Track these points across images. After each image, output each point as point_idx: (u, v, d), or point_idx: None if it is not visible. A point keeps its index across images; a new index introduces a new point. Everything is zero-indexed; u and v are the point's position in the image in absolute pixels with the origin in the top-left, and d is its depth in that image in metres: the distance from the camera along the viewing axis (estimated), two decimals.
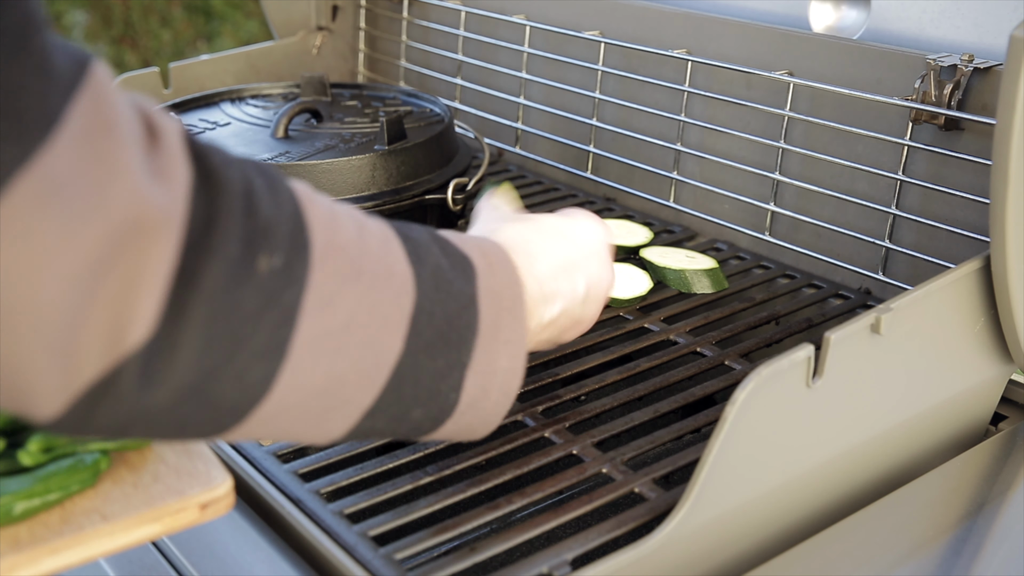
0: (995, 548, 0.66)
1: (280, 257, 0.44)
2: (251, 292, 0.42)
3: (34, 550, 0.47)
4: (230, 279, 0.42)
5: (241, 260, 0.42)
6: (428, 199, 0.99)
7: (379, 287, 0.49)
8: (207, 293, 0.41)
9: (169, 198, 0.40)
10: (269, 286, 0.43)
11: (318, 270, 0.45)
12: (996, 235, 0.66)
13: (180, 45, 3.86)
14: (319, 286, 0.45)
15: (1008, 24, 0.82)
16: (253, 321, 0.43)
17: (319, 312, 0.45)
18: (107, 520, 0.49)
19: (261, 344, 0.43)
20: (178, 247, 0.40)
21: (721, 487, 0.59)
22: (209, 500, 0.52)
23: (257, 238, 0.43)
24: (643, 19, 1.09)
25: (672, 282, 0.93)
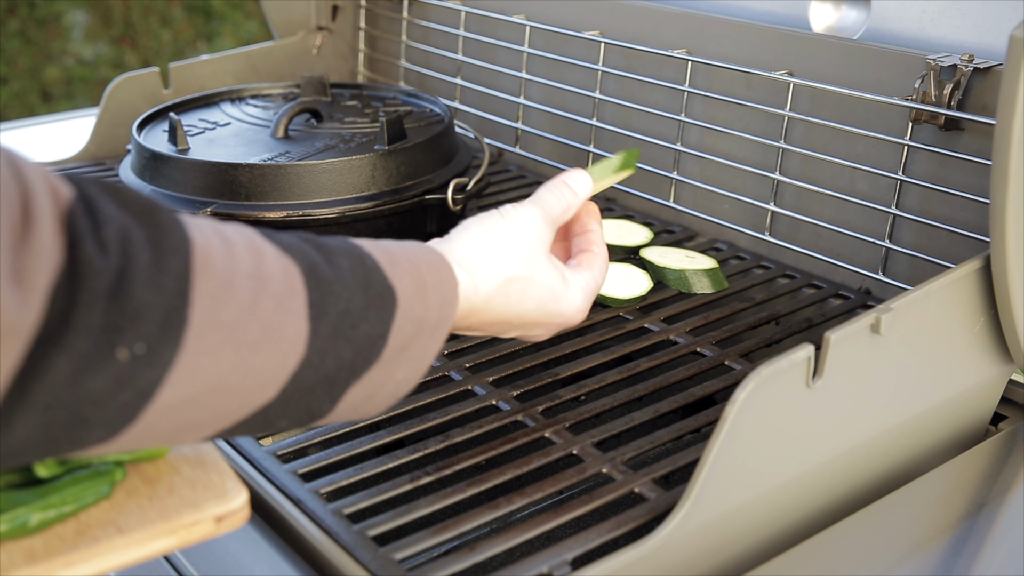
0: (995, 548, 0.66)
1: (143, 345, 0.43)
2: (102, 379, 0.42)
3: (49, 563, 0.47)
4: (77, 371, 0.41)
5: (94, 353, 0.41)
6: (428, 199, 0.99)
7: (262, 352, 0.48)
8: (49, 385, 0.40)
9: (23, 307, 0.39)
10: (126, 373, 0.42)
11: (189, 350, 0.44)
12: (996, 235, 0.66)
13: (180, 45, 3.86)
14: (187, 364, 0.44)
15: (1008, 24, 0.82)
16: (101, 403, 0.42)
17: (181, 384, 0.45)
18: (123, 533, 0.49)
19: (107, 418, 0.43)
20: (23, 350, 0.39)
21: (721, 487, 0.59)
22: (225, 513, 0.51)
23: (120, 327, 0.42)
24: (643, 19, 1.09)
25: (672, 282, 0.93)
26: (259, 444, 0.69)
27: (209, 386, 0.46)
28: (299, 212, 0.93)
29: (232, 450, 0.68)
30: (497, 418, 0.73)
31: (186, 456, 0.55)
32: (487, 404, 0.75)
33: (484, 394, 0.76)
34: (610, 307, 0.89)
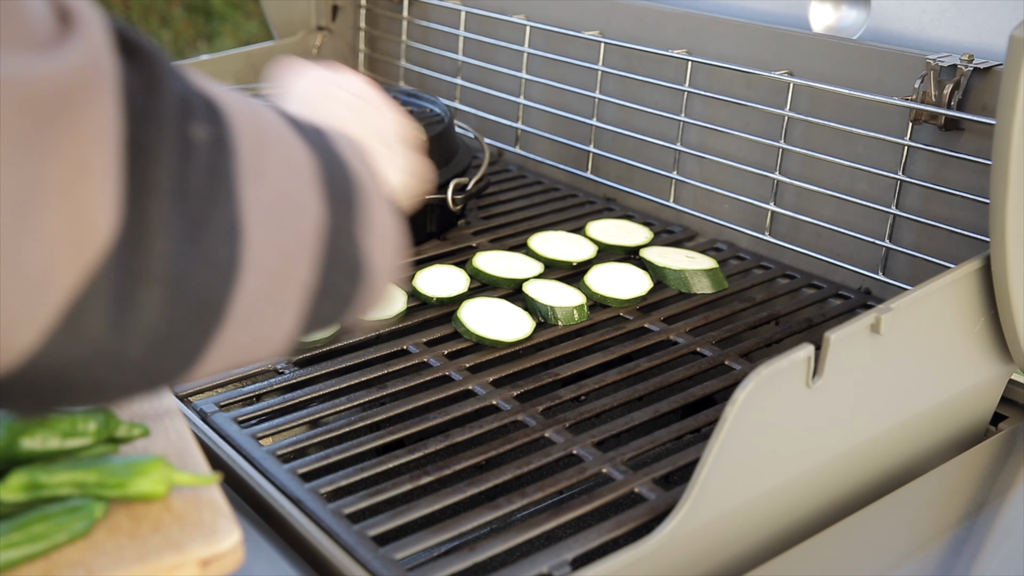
0: (995, 548, 0.66)
1: (206, 125, 0.40)
2: (195, 164, 0.39)
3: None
4: (176, 149, 0.38)
5: (180, 127, 0.38)
6: (428, 199, 0.99)
7: (287, 149, 0.46)
8: (163, 166, 0.37)
9: (92, 55, 0.35)
10: (207, 157, 0.39)
11: (240, 134, 0.42)
12: (996, 235, 0.66)
13: (180, 45, 3.86)
14: (246, 152, 0.42)
15: (1008, 24, 0.82)
16: (205, 197, 0.39)
17: (254, 182, 0.42)
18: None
19: (218, 223, 0.40)
20: (117, 109, 0.35)
21: (721, 487, 0.59)
22: (211, 556, 0.47)
23: (184, 104, 0.39)
24: (643, 19, 1.09)
25: (672, 282, 0.93)
26: (259, 444, 0.70)
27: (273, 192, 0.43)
28: None
29: (232, 450, 0.68)
30: (497, 418, 0.73)
31: (181, 491, 0.50)
32: (487, 404, 0.75)
33: (484, 394, 0.76)
34: (610, 307, 0.89)
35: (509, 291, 0.92)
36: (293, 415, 0.73)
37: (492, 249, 0.99)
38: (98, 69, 0.35)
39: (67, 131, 0.34)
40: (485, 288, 0.92)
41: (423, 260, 0.98)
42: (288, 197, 0.45)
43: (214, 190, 0.40)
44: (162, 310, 0.38)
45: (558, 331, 0.85)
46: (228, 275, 0.41)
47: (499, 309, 0.86)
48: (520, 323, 0.85)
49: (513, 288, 0.92)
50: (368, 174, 0.52)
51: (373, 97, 0.63)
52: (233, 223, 0.41)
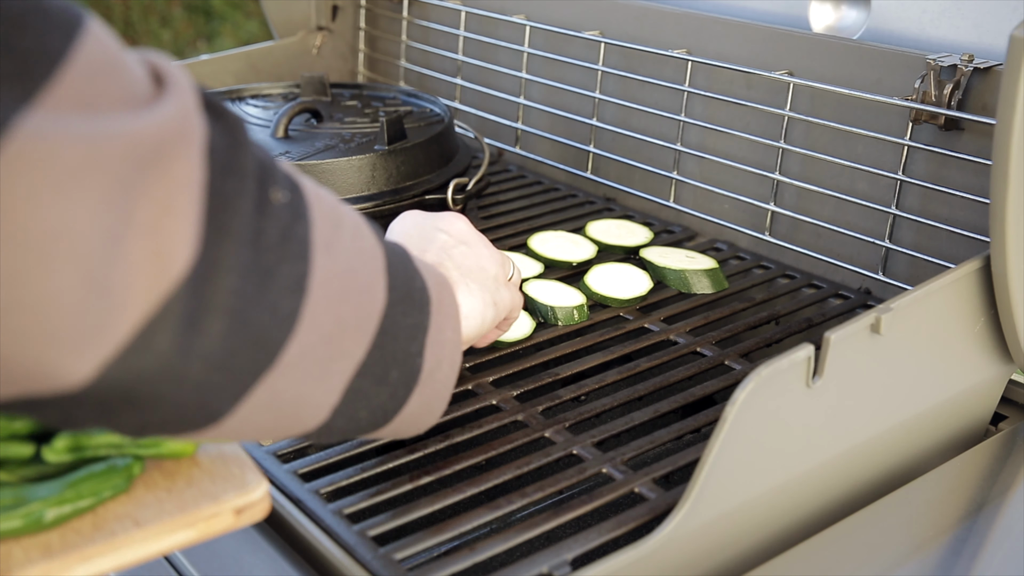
0: (995, 548, 0.66)
1: (286, 192, 0.45)
2: (271, 221, 0.43)
3: (66, 557, 0.46)
4: (254, 204, 0.42)
5: (259, 187, 0.43)
6: (428, 199, 0.99)
7: (358, 236, 0.50)
8: (239, 215, 0.41)
9: (183, 113, 0.40)
10: (283, 218, 0.44)
11: (315, 209, 0.46)
12: (996, 235, 0.66)
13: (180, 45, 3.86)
14: (320, 225, 0.46)
15: (1008, 24, 0.82)
16: (277, 251, 0.43)
17: (325, 252, 0.46)
18: (140, 526, 0.48)
19: (286, 276, 0.44)
20: (203, 161, 0.40)
21: (721, 487, 0.59)
22: (244, 505, 0.51)
23: (264, 169, 0.44)
24: (643, 19, 1.09)
25: (672, 282, 0.93)
26: (259, 444, 0.70)
27: (342, 267, 0.48)
28: None
29: None
30: (497, 418, 0.73)
31: (207, 450, 0.54)
32: (487, 404, 0.75)
33: (484, 394, 0.76)
34: (610, 307, 0.89)
35: None
36: None
37: None
38: (187, 124, 0.40)
39: (158, 177, 0.38)
40: None
41: None
42: (354, 276, 0.49)
43: (286, 247, 0.44)
44: (223, 339, 0.42)
45: (558, 331, 0.85)
46: (287, 323, 0.45)
47: None
48: (520, 323, 0.85)
49: None
50: (438, 291, 0.57)
51: (471, 238, 0.71)
52: (300, 280, 0.45)
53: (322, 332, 0.47)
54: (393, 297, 0.52)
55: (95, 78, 0.37)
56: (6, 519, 0.46)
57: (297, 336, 0.45)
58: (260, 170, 0.43)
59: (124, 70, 0.39)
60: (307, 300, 0.45)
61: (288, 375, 0.46)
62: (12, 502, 0.47)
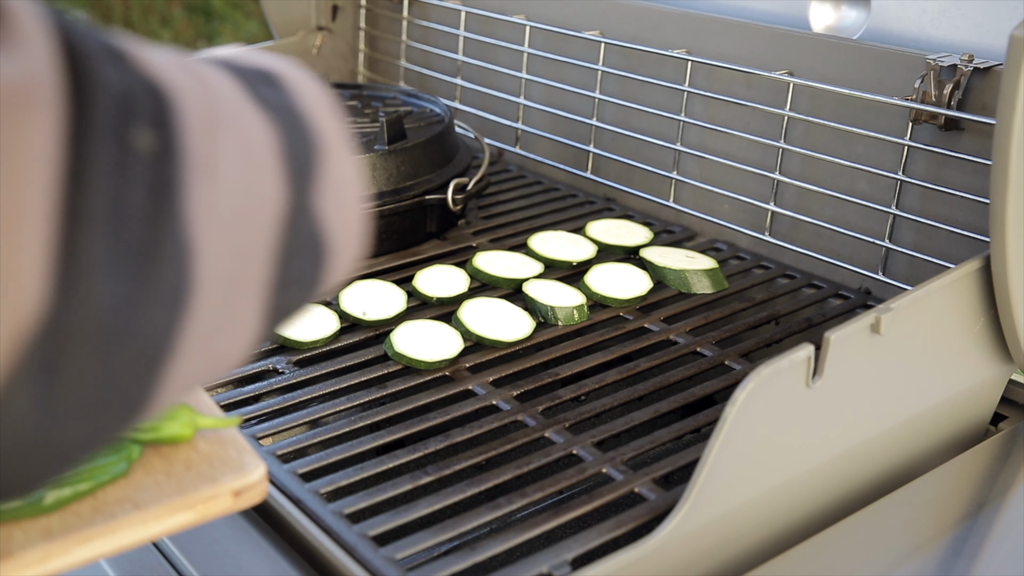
0: (995, 548, 0.66)
1: (148, 130, 0.34)
2: (136, 179, 0.33)
3: (66, 539, 0.46)
4: (115, 163, 0.33)
5: (119, 135, 0.33)
6: (428, 199, 0.99)
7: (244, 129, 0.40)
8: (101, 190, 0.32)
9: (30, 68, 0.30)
10: (148, 167, 0.34)
11: (188, 129, 0.36)
12: (996, 235, 0.66)
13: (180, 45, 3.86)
14: (195, 149, 0.36)
15: (1008, 24, 0.82)
16: (146, 221, 0.34)
17: (204, 182, 0.37)
18: (139, 509, 0.49)
19: (164, 246, 0.35)
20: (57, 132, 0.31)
21: (721, 487, 0.59)
22: (243, 487, 0.51)
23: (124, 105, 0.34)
24: (643, 19, 1.09)
25: (672, 282, 0.93)
26: (259, 444, 0.70)
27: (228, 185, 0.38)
28: None
29: None
30: (497, 418, 0.73)
31: (204, 434, 0.54)
32: (487, 404, 0.75)
33: (484, 394, 0.76)
34: (610, 307, 0.89)
35: (509, 291, 0.92)
36: (293, 415, 0.73)
37: (492, 249, 0.99)
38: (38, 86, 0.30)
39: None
40: (485, 288, 0.92)
41: (423, 260, 0.98)
42: (244, 188, 0.39)
43: (158, 208, 0.34)
44: (98, 370, 0.33)
45: (558, 331, 0.85)
46: (176, 304, 0.36)
47: (499, 309, 0.86)
48: (520, 323, 0.85)
49: (513, 288, 0.92)
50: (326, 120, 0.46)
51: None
52: (180, 242, 0.35)
53: (222, 280, 0.38)
54: (293, 184, 0.42)
55: None
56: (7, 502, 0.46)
57: (193, 308, 0.37)
58: (119, 111, 0.33)
59: None
60: (194, 259, 0.36)
61: (194, 352, 0.38)
62: None
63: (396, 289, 0.90)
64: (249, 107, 0.41)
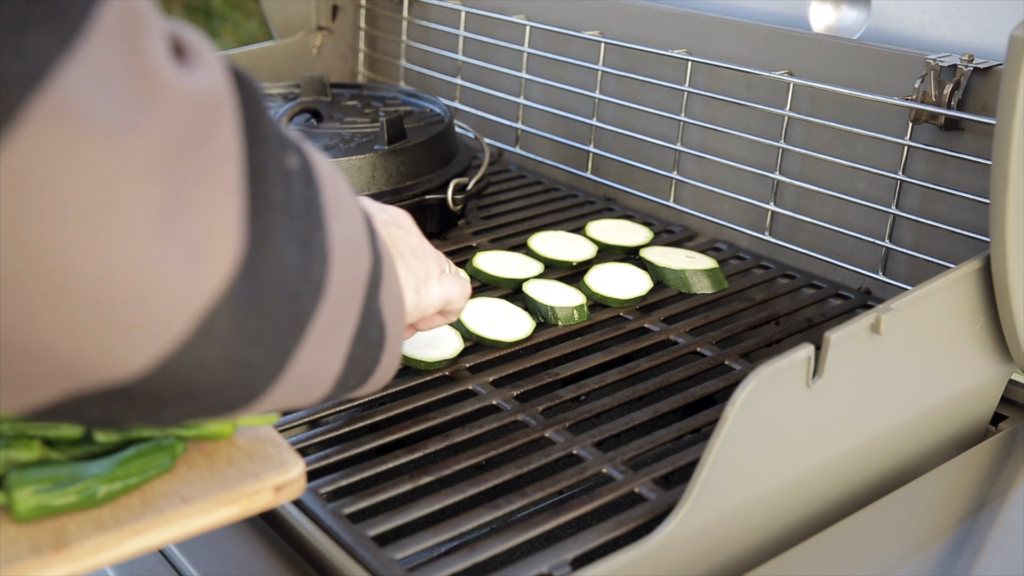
0: (995, 548, 0.66)
1: (298, 157, 0.43)
2: (295, 189, 0.41)
3: (118, 531, 0.48)
4: (280, 172, 0.41)
5: (280, 154, 0.41)
6: (428, 199, 0.99)
7: (349, 195, 0.48)
8: (274, 184, 0.40)
9: (217, 81, 0.38)
10: (301, 184, 0.42)
11: (320, 171, 0.44)
12: (996, 235, 0.66)
13: None
14: (327, 188, 0.44)
15: (1008, 24, 0.82)
16: (305, 218, 0.42)
17: (336, 216, 0.45)
18: (187, 502, 0.50)
19: (318, 244, 0.42)
20: (239, 130, 0.38)
21: (721, 487, 0.59)
22: (283, 483, 0.52)
23: (279, 135, 0.42)
24: (643, 19, 1.09)
25: (672, 282, 0.93)
26: None
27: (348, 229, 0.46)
28: None
29: None
30: (497, 418, 0.73)
31: (243, 431, 0.56)
32: (487, 404, 0.75)
33: (484, 394, 0.76)
34: (610, 307, 0.89)
35: (509, 291, 0.92)
36: (293, 415, 0.73)
37: (492, 249, 0.99)
38: (222, 93, 0.38)
39: (203, 150, 0.36)
40: (485, 288, 0.92)
41: None
42: (355, 239, 0.47)
43: (310, 214, 0.42)
44: (277, 315, 0.40)
45: (558, 331, 0.85)
46: (317, 292, 0.43)
47: (499, 309, 0.86)
48: (520, 323, 0.85)
49: (513, 288, 0.92)
50: (386, 249, 0.54)
51: (408, 225, 0.68)
52: (325, 247, 0.43)
53: (336, 299, 0.45)
54: (374, 255, 0.50)
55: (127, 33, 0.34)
56: (62, 495, 0.48)
57: (323, 305, 0.44)
58: (278, 136, 0.42)
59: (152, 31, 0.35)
60: (332, 267, 0.44)
61: (313, 348, 0.44)
62: (67, 478, 0.49)
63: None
64: (350, 191, 0.50)
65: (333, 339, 0.46)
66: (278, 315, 0.41)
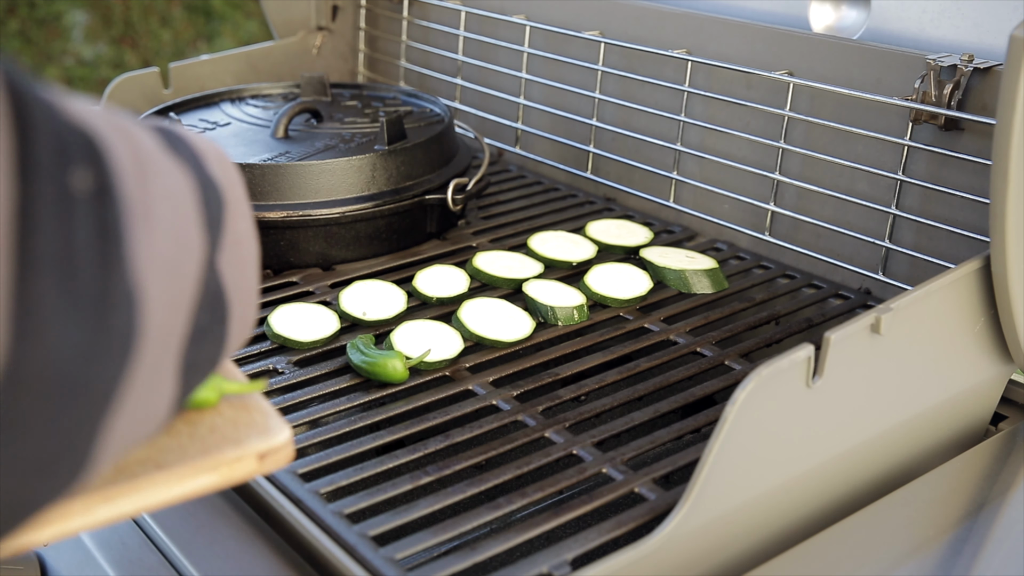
0: (995, 548, 0.66)
1: (87, 169, 0.34)
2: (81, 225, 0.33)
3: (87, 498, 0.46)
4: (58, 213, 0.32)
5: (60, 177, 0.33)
6: (428, 199, 0.99)
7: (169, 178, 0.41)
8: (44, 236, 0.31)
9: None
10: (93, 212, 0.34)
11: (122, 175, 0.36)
12: (996, 235, 0.66)
13: (180, 45, 3.86)
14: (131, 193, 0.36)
15: (1008, 24, 0.82)
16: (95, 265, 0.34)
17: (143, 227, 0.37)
18: (162, 469, 0.48)
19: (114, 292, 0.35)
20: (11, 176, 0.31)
21: (721, 487, 0.59)
22: (268, 450, 0.51)
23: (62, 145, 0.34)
24: (643, 19, 1.09)
25: (672, 282, 0.93)
26: None
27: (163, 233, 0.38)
28: (299, 212, 0.93)
29: None
30: (497, 418, 0.73)
31: (229, 399, 0.54)
32: (487, 404, 0.75)
33: (484, 394, 0.76)
34: (610, 307, 0.89)
35: (509, 291, 0.92)
36: (293, 415, 0.73)
37: (492, 249, 0.99)
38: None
39: None
40: (485, 288, 0.92)
41: (423, 260, 0.98)
42: (176, 235, 0.40)
43: (105, 252, 0.34)
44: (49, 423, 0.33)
45: (558, 331, 0.85)
46: (125, 354, 0.35)
47: (499, 309, 0.86)
48: (520, 323, 0.85)
49: (513, 288, 0.92)
50: (230, 184, 0.47)
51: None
52: (129, 288, 0.35)
53: (161, 330, 0.38)
54: (208, 239, 0.43)
55: None
56: None
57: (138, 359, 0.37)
58: (57, 153, 0.33)
59: None
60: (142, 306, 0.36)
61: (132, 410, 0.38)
62: None
63: (396, 289, 0.90)
64: (167, 158, 0.41)
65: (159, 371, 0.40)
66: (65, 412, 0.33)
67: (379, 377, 0.76)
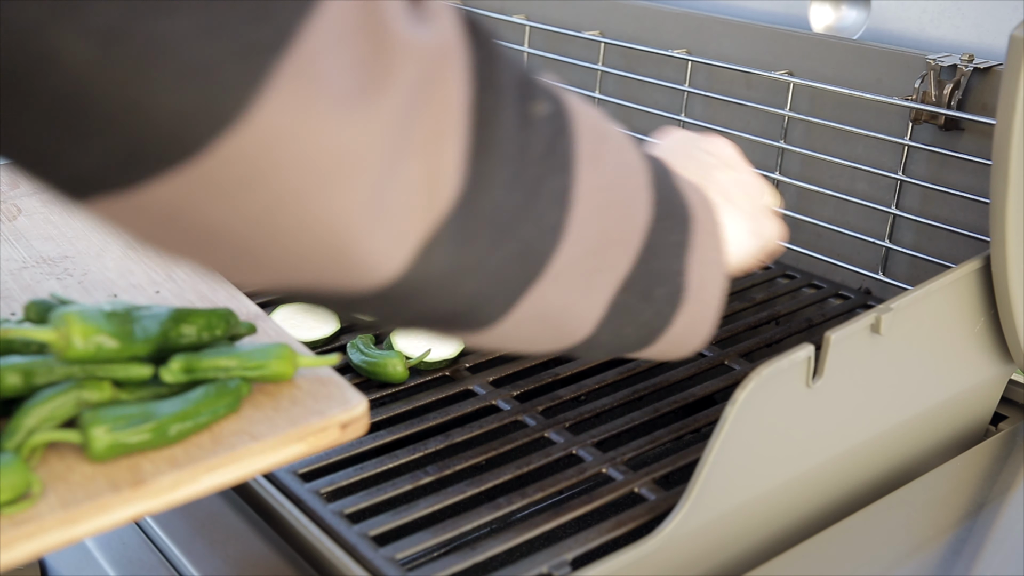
0: (995, 548, 0.66)
1: (548, 104, 0.44)
2: (535, 135, 0.43)
3: (193, 468, 0.48)
4: (517, 118, 0.42)
5: (520, 101, 0.43)
6: None
7: (622, 150, 0.50)
8: (503, 130, 0.42)
9: (449, 31, 0.40)
10: (546, 132, 0.44)
11: (579, 122, 0.46)
12: (996, 235, 0.66)
13: None
14: (584, 139, 0.46)
15: (1008, 24, 0.82)
16: (541, 164, 0.44)
17: (589, 166, 0.46)
18: (256, 440, 0.51)
19: (551, 189, 0.44)
20: (469, 79, 0.40)
21: (721, 487, 0.59)
22: (349, 419, 0.53)
23: (523, 83, 0.43)
24: (643, 19, 1.09)
25: None
26: None
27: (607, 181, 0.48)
28: None
29: None
30: (497, 418, 0.73)
31: (302, 373, 0.56)
32: (487, 404, 0.75)
33: (484, 394, 0.76)
34: None
35: None
36: None
37: None
38: (454, 43, 0.40)
39: (431, 98, 0.39)
40: None
41: None
42: (618, 190, 0.49)
43: (550, 160, 0.44)
44: (493, 252, 0.43)
45: None
46: (552, 235, 0.45)
47: None
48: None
49: None
50: (701, 210, 0.55)
51: (736, 162, 0.67)
52: (563, 192, 0.45)
53: (586, 245, 0.47)
54: (657, 213, 0.51)
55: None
56: (136, 432, 0.49)
57: (563, 248, 0.46)
58: (519, 84, 0.43)
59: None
60: (571, 212, 0.45)
61: (555, 286, 0.47)
62: (140, 416, 0.50)
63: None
64: (632, 148, 0.51)
65: (588, 283, 0.49)
66: (500, 252, 0.43)
67: (379, 377, 0.76)
